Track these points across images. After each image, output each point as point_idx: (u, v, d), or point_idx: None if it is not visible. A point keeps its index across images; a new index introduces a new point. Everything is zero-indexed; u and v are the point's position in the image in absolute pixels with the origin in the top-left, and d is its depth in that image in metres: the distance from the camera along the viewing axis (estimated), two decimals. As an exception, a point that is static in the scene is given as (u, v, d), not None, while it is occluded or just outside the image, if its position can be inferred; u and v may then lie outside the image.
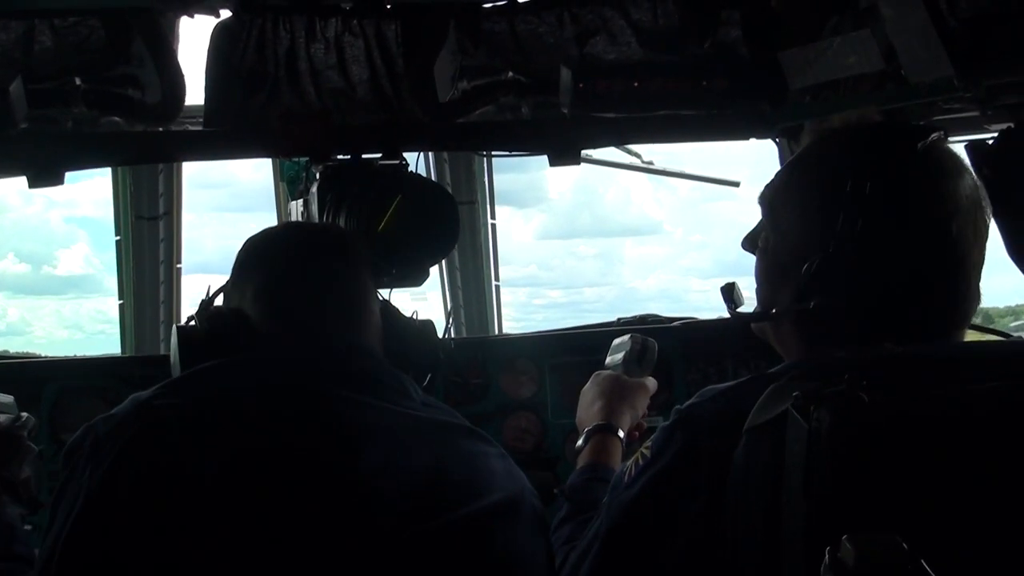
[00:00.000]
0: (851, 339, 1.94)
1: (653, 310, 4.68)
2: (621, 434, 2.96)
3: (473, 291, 5.66)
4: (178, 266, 5.16)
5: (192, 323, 2.38)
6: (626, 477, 2.19)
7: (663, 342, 4.35)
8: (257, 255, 2.42)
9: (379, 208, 3.18)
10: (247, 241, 2.47)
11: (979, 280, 2.02)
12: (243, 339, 2.21)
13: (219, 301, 2.49)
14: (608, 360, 3.30)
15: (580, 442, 2.99)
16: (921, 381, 1.67)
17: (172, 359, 2.38)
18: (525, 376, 4.33)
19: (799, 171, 2.14)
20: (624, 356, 3.20)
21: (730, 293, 2.28)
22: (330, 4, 3.47)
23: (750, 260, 2.23)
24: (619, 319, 4.63)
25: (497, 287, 5.79)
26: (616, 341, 3.32)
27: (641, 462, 2.16)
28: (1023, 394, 1.60)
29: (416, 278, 3.31)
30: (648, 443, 2.18)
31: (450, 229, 3.33)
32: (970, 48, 2.89)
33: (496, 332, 5.78)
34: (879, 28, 3.02)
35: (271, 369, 2.11)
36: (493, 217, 5.61)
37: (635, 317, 4.61)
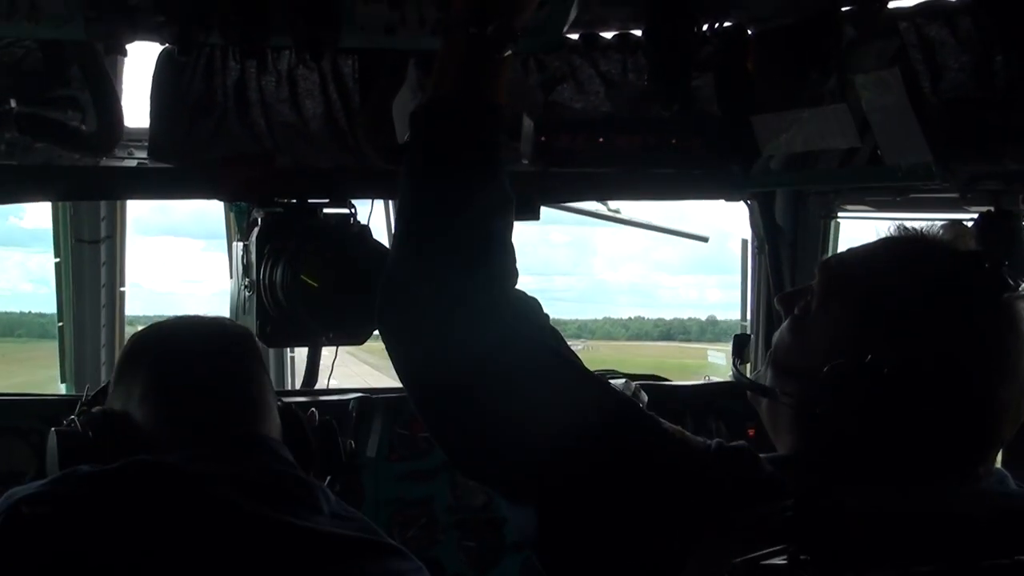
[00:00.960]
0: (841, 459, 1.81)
1: (623, 304, 4.57)
2: None
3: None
4: (121, 289, 4.97)
5: (72, 425, 2.18)
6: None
7: (621, 400, 4.23)
8: (145, 353, 2.24)
9: (319, 264, 2.98)
10: (133, 338, 2.34)
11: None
12: (127, 444, 2.02)
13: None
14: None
15: None
16: (870, 550, 1.52)
17: (48, 464, 2.17)
18: (474, 430, 4.15)
19: (879, 277, 1.90)
20: None
21: (741, 348, 2.11)
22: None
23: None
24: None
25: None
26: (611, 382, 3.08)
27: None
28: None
29: (356, 339, 3.13)
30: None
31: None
32: (950, 132, 2.75)
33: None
34: (856, 103, 2.86)
35: (157, 480, 1.92)
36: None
37: (596, 373, 4.45)
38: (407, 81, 3.48)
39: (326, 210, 3.28)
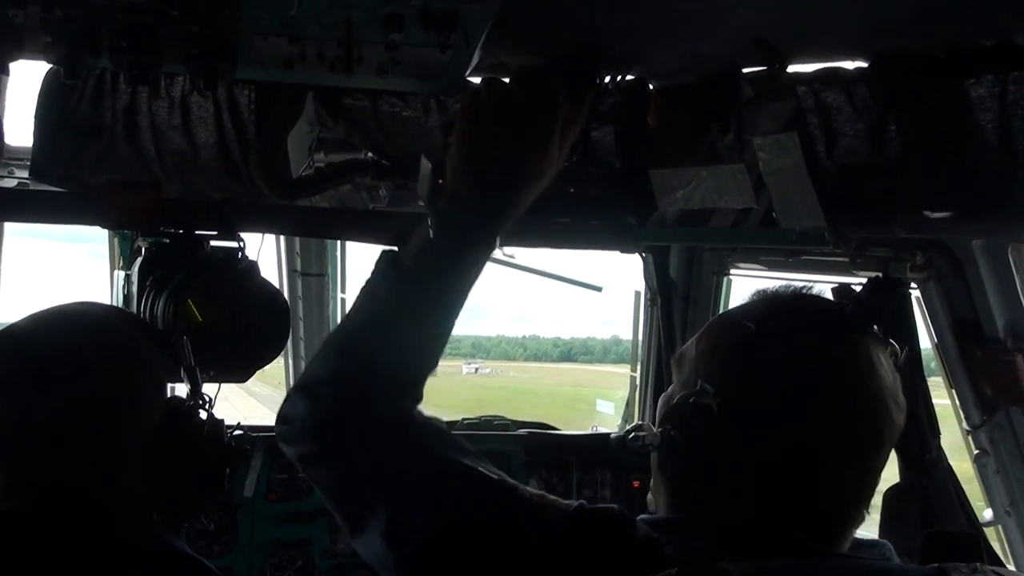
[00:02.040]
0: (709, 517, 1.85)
1: (497, 319, 4.55)
2: None
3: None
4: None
5: None
6: None
7: (507, 446, 4.20)
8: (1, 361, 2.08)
9: (203, 300, 2.88)
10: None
11: (872, 485, 1.88)
12: None
13: None
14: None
15: None
16: None
17: None
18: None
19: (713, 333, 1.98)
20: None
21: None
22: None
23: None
24: (463, 420, 4.43)
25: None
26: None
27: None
28: None
29: (238, 378, 3.03)
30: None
31: (278, 337, 3.04)
32: (843, 198, 2.78)
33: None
34: (752, 163, 2.88)
35: None
36: (344, 291, 5.35)
37: (479, 419, 4.41)
38: (304, 114, 3.42)
39: (214, 242, 3.17)
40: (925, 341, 3.47)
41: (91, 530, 1.89)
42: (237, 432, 2.34)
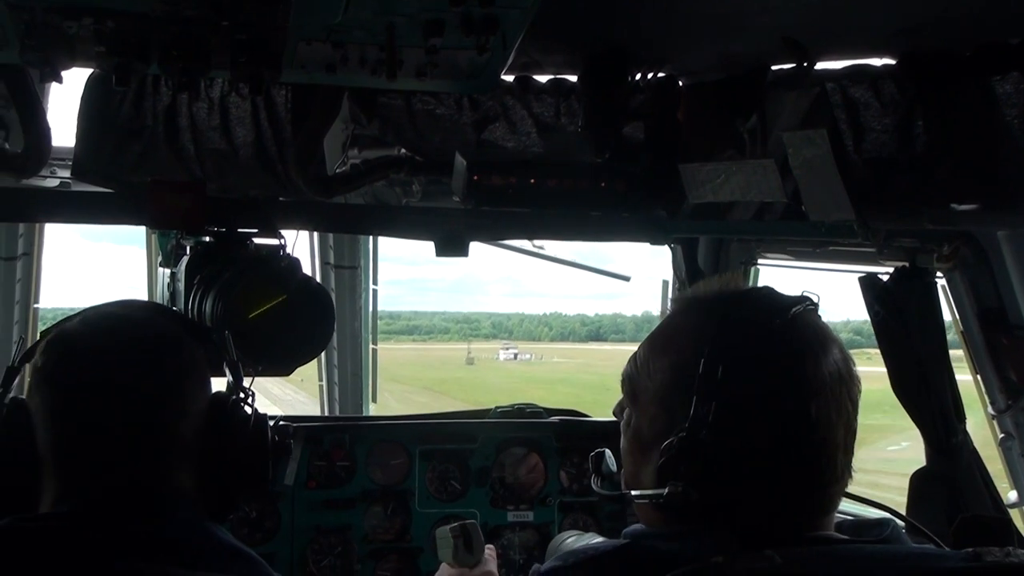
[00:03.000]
0: (707, 525, 1.87)
1: (494, 294, 4.58)
2: None
3: (349, 361, 5.48)
4: (35, 306, 4.86)
5: None
6: None
7: (539, 433, 4.28)
8: (51, 363, 2.08)
9: (251, 297, 2.96)
10: (44, 339, 2.14)
11: (848, 458, 1.92)
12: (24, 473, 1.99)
13: None
14: (440, 554, 3.22)
15: None
16: None
17: None
18: (394, 461, 4.16)
19: (658, 348, 2.01)
20: (453, 554, 3.15)
21: (598, 464, 2.18)
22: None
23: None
24: (496, 408, 4.50)
25: (374, 351, 5.63)
26: (438, 535, 3.20)
27: None
28: None
29: (283, 371, 3.11)
30: None
31: (324, 332, 3.13)
32: (871, 191, 2.85)
33: (370, 399, 5.62)
34: (782, 159, 2.95)
35: (41, 540, 1.88)
36: (375, 283, 5.44)
37: (512, 407, 4.49)
38: (340, 114, 3.50)
39: (256, 240, 3.25)
40: (950, 329, 3.53)
41: (145, 529, 1.92)
42: (281, 424, 2.36)
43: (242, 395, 2.22)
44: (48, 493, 1.99)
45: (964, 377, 3.58)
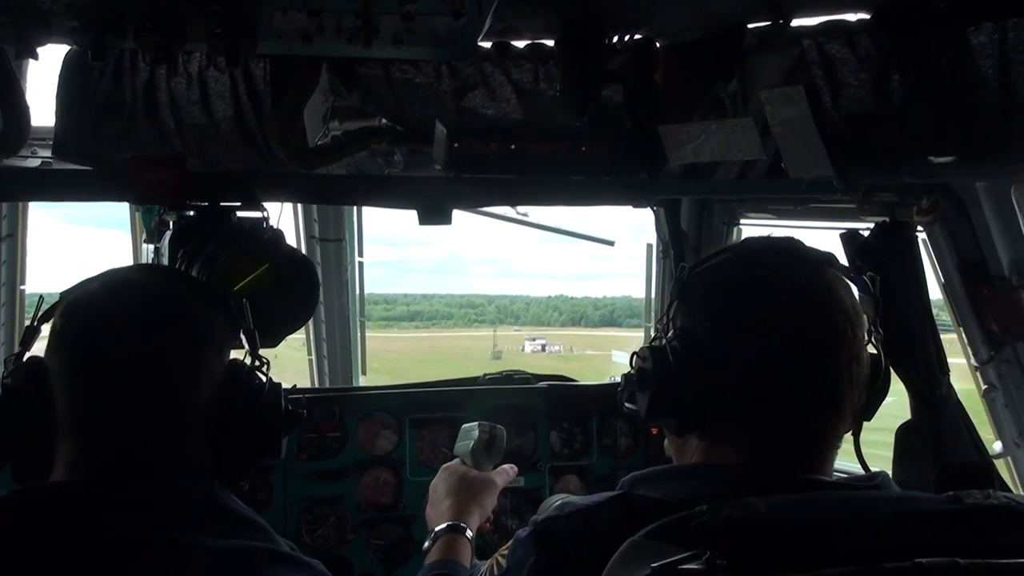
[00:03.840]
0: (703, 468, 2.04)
1: (478, 275, 4.58)
2: (469, 534, 2.94)
3: (338, 333, 5.49)
4: (22, 287, 4.85)
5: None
6: None
7: (528, 399, 4.30)
8: (70, 324, 2.09)
9: (235, 269, 2.97)
10: (63, 299, 2.14)
11: (853, 392, 2.01)
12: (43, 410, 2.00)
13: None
14: (456, 447, 3.27)
15: (428, 542, 2.96)
16: (780, 556, 1.59)
17: None
18: (384, 431, 4.18)
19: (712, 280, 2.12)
20: (472, 445, 3.15)
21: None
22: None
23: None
24: (485, 375, 4.52)
25: (362, 322, 5.64)
26: (464, 427, 3.27)
27: (496, 571, 2.16)
28: None
29: (270, 342, 3.12)
30: (504, 550, 2.17)
31: (308, 302, 3.14)
32: (850, 146, 2.86)
33: (360, 372, 5.64)
34: (758, 116, 2.96)
35: (53, 508, 1.89)
36: (361, 255, 5.45)
37: (500, 374, 4.51)
38: (319, 86, 3.49)
39: (239, 213, 3.25)
40: (932, 283, 3.55)
41: (155, 495, 1.94)
42: (294, 396, 2.36)
43: (257, 363, 2.21)
44: (62, 456, 2.00)
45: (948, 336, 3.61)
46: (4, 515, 1.86)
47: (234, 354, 2.21)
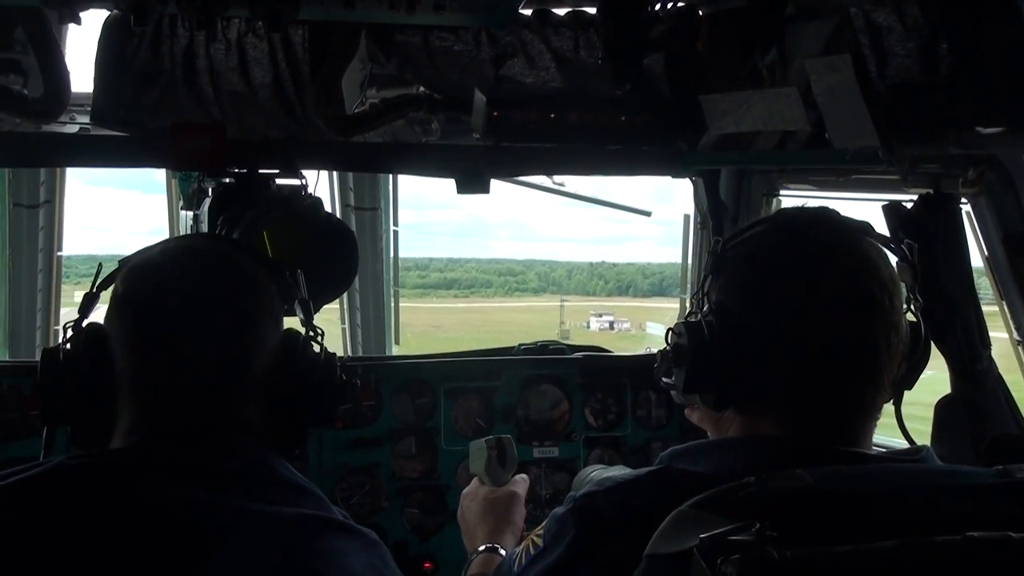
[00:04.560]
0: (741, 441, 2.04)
1: (500, 238, 4.53)
2: (503, 552, 2.90)
3: (372, 303, 5.50)
4: (58, 254, 4.89)
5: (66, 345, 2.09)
6: (515, 566, 2.18)
7: (563, 370, 4.30)
8: (131, 290, 2.10)
9: (275, 236, 2.97)
10: (123, 266, 2.16)
11: (893, 361, 2.01)
12: (104, 373, 2.01)
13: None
14: (471, 467, 3.27)
15: (466, 568, 2.94)
16: (829, 527, 1.58)
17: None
18: (419, 400, 4.19)
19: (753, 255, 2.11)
20: (485, 465, 3.15)
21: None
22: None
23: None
24: (520, 345, 4.53)
25: (396, 292, 5.65)
26: (473, 447, 3.25)
27: (533, 550, 2.14)
28: (920, 553, 1.53)
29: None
30: (540, 529, 2.16)
31: (348, 270, 3.14)
32: (895, 116, 2.82)
33: (393, 340, 5.65)
34: (803, 84, 2.92)
35: (108, 472, 1.90)
36: (396, 224, 5.45)
37: (535, 344, 4.51)
38: (358, 53, 3.48)
39: (278, 180, 3.25)
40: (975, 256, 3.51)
41: (211, 461, 1.94)
42: (350, 364, 2.36)
43: (312, 333, 2.22)
44: (122, 422, 2.01)
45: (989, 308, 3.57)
46: (60, 480, 1.87)
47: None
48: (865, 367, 1.99)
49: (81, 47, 3.61)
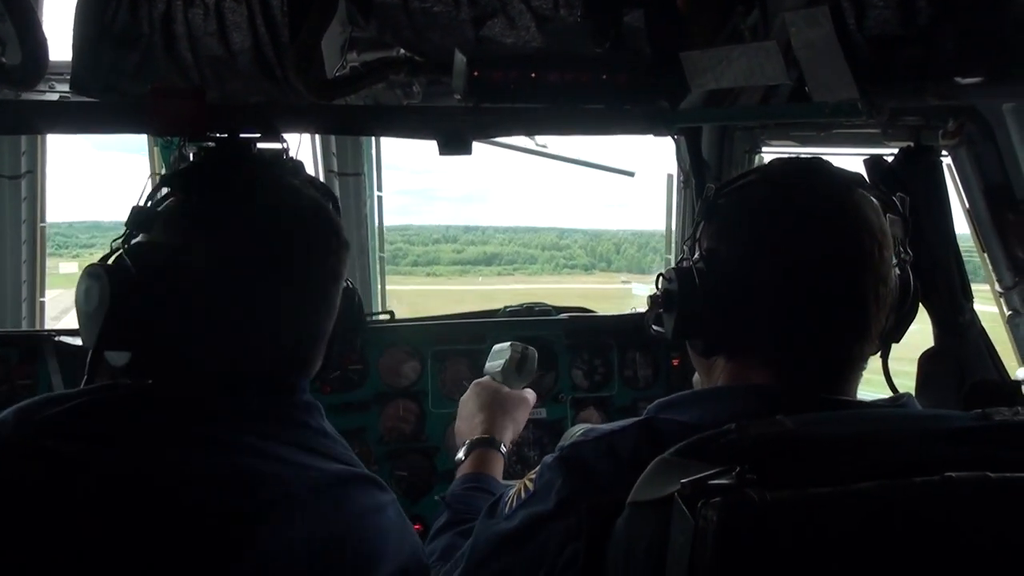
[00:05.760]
0: (728, 390, 2.09)
1: (516, 204, 4.51)
2: (503, 448, 2.93)
3: (356, 267, 5.50)
4: (42, 225, 4.88)
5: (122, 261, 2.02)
6: (506, 508, 2.20)
7: (549, 332, 4.32)
8: (209, 212, 2.12)
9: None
10: (200, 178, 2.25)
11: (880, 313, 2.04)
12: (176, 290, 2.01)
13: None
14: (487, 366, 3.28)
15: (461, 454, 2.98)
16: (809, 471, 1.59)
17: (84, 313, 2.03)
18: (406, 363, 4.21)
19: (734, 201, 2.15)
20: (503, 364, 3.16)
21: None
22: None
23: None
24: (505, 307, 4.54)
25: (382, 258, 5.65)
26: (496, 347, 3.30)
27: (523, 495, 2.17)
28: (899, 494, 1.57)
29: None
30: (532, 474, 2.19)
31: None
32: (874, 68, 2.82)
33: (379, 308, 5.65)
34: (784, 40, 2.91)
35: (168, 408, 1.93)
36: (380, 189, 5.44)
37: (521, 307, 4.53)
38: (337, 16, 3.46)
39: (259, 144, 3.24)
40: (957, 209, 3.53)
41: (230, 402, 1.98)
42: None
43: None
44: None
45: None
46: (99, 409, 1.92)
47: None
48: (853, 318, 2.02)
49: (59, 14, 3.59)
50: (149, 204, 2.16)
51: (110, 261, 2.04)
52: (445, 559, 2.43)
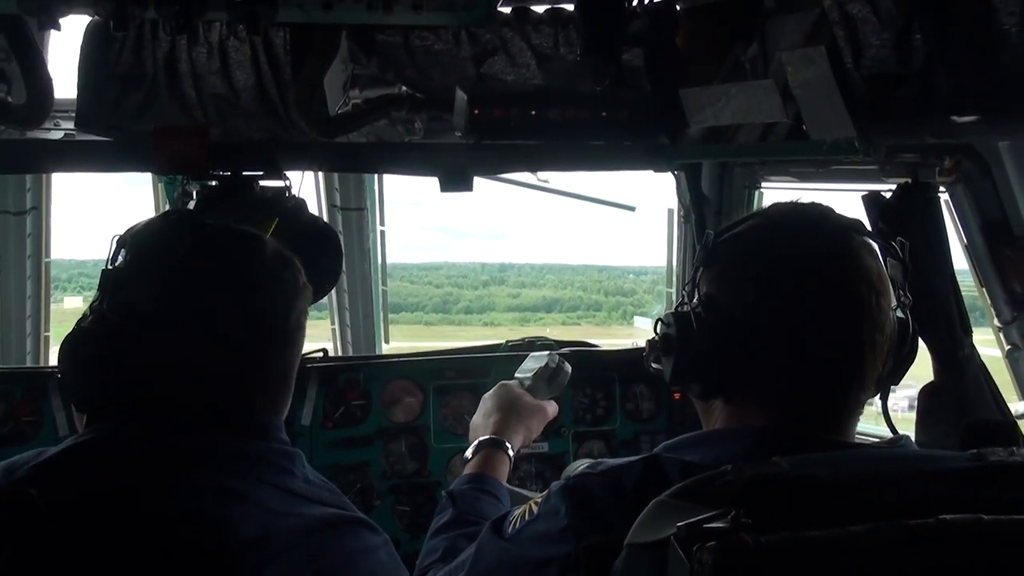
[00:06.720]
0: (732, 432, 2.07)
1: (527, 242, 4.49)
2: (511, 452, 2.99)
3: (360, 302, 5.52)
4: (47, 260, 4.90)
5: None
6: (510, 528, 2.20)
7: (551, 366, 4.31)
8: (144, 260, 2.16)
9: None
10: (130, 237, 2.21)
11: (877, 360, 2.05)
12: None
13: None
14: (520, 368, 3.34)
15: (469, 452, 3.02)
16: (804, 512, 1.60)
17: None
18: (408, 398, 4.21)
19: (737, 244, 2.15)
20: (537, 370, 3.19)
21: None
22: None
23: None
24: (507, 342, 4.54)
25: (384, 292, 5.67)
26: (535, 354, 3.35)
27: (528, 517, 2.18)
28: (892, 536, 1.56)
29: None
30: (538, 498, 2.21)
31: (332, 270, 3.17)
32: (871, 107, 2.84)
33: (383, 342, 5.68)
34: (782, 79, 2.94)
35: (141, 460, 1.95)
36: (383, 224, 5.47)
37: (524, 341, 4.53)
38: (339, 54, 3.50)
39: (262, 183, 3.27)
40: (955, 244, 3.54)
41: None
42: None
43: None
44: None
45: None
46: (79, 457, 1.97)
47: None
48: (849, 368, 2.03)
49: (65, 53, 3.63)
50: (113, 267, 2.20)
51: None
52: (446, 560, 2.48)
